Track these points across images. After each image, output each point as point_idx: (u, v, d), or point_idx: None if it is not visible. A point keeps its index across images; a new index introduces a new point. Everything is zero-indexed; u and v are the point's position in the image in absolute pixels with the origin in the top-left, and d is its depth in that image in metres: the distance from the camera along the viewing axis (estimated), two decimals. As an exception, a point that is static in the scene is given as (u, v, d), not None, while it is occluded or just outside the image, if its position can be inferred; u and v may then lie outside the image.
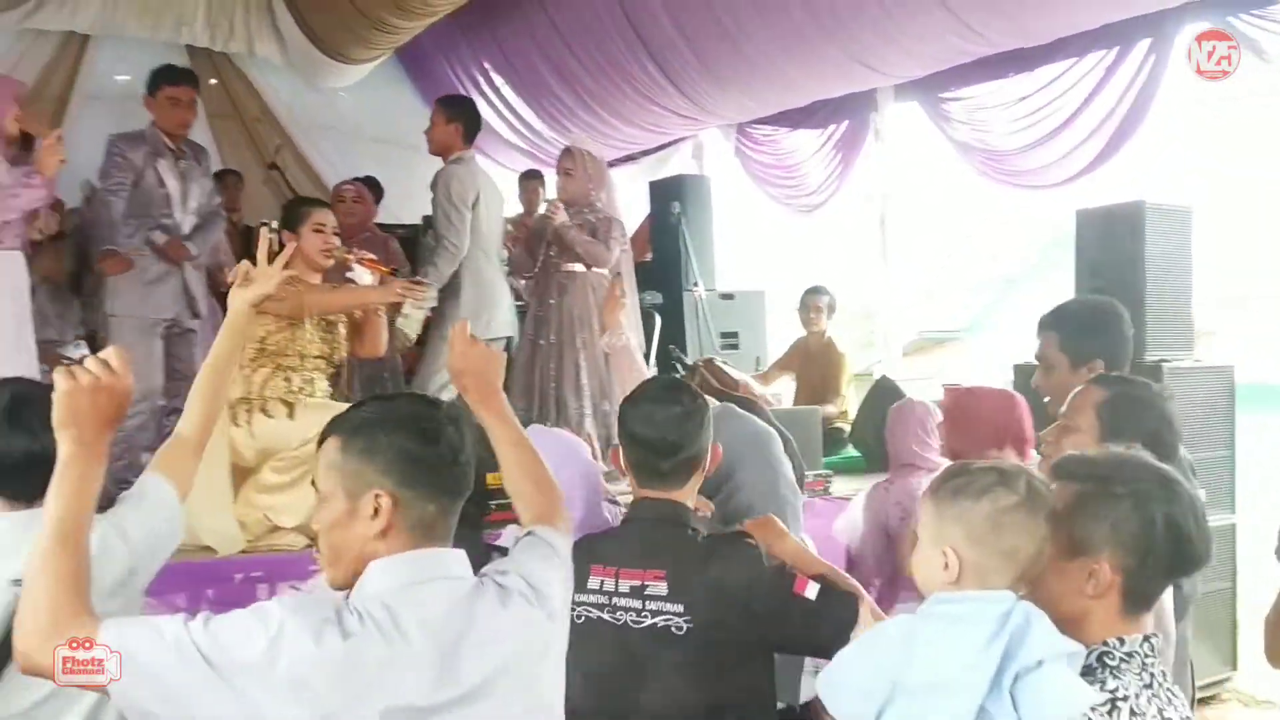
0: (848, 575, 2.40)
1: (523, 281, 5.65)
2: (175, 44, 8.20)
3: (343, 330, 3.97)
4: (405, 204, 8.80)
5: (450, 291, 5.04)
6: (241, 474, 3.75)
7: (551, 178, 9.12)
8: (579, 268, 5.19)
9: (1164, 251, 4.93)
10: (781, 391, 6.66)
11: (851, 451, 5.57)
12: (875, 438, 5.45)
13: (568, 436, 3.18)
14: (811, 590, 2.18)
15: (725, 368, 6.06)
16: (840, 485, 4.96)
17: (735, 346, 6.86)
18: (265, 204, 7.71)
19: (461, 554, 1.72)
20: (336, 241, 3.96)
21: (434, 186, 5.14)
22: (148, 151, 4.73)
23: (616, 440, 4.98)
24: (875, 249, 7.31)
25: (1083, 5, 5.12)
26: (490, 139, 8.97)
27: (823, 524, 4.50)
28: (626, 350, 3.48)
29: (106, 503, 2.13)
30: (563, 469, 2.71)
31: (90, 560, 1.61)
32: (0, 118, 3.95)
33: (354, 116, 9.11)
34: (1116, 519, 1.67)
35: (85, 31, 7.87)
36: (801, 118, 7.37)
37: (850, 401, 6.04)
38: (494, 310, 5.10)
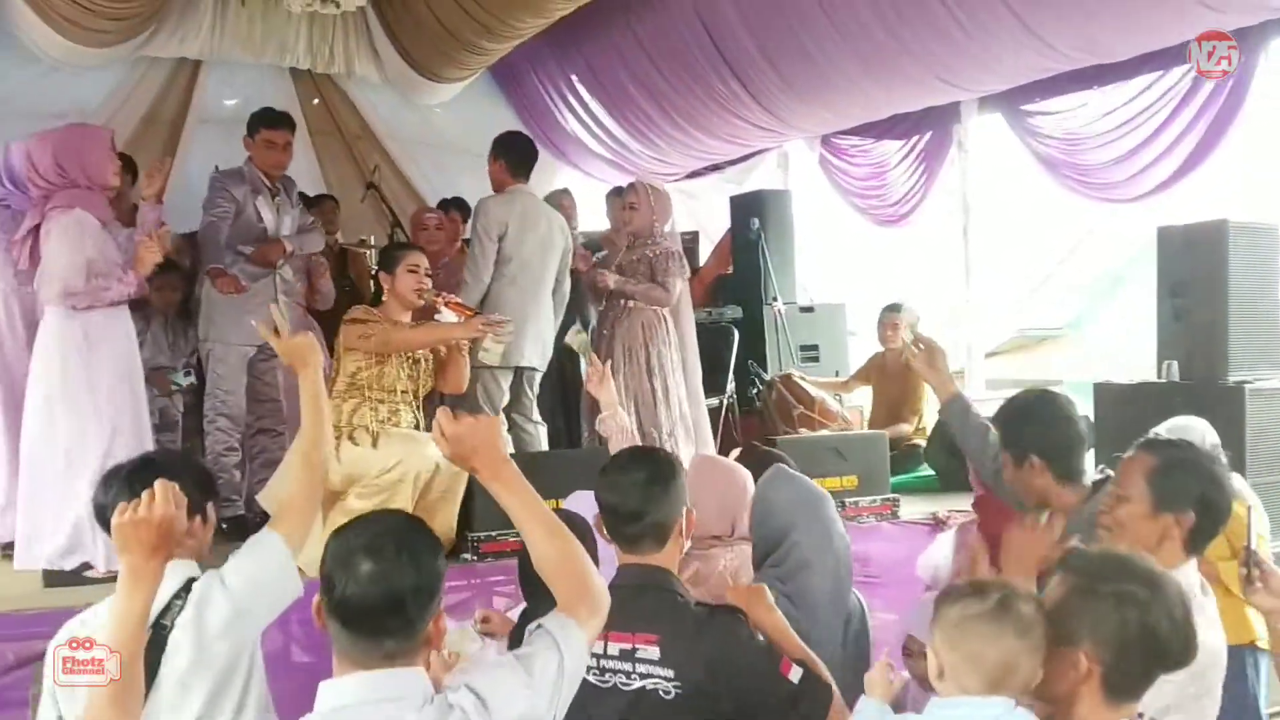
0: (822, 666, 2.43)
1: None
2: (279, 66, 8.58)
3: (428, 367, 4.19)
4: (498, 217, 9.08)
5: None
6: (330, 498, 3.99)
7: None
8: (634, 302, 5.29)
9: (1248, 270, 4.86)
10: (862, 403, 6.72)
11: (926, 470, 5.60)
12: (949, 457, 5.51)
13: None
14: (795, 673, 2.27)
15: (802, 383, 6.17)
16: (912, 506, 5.01)
17: (815, 359, 6.93)
18: (364, 222, 8.00)
19: (412, 674, 1.76)
20: (429, 283, 4.20)
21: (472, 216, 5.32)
22: (248, 189, 4.97)
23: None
24: (958, 260, 7.29)
25: (1160, 24, 5.06)
26: (578, 150, 9.20)
27: (891, 548, 4.59)
28: (622, 433, 3.55)
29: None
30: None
31: (139, 669, 1.94)
32: (100, 175, 4.04)
33: (449, 131, 9.36)
34: (1096, 616, 1.80)
35: (195, 57, 8.26)
36: (885, 129, 7.39)
37: (928, 419, 6.04)
38: (518, 341, 4.95)
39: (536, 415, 5.24)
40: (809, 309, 7.07)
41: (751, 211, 7.00)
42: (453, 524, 4.13)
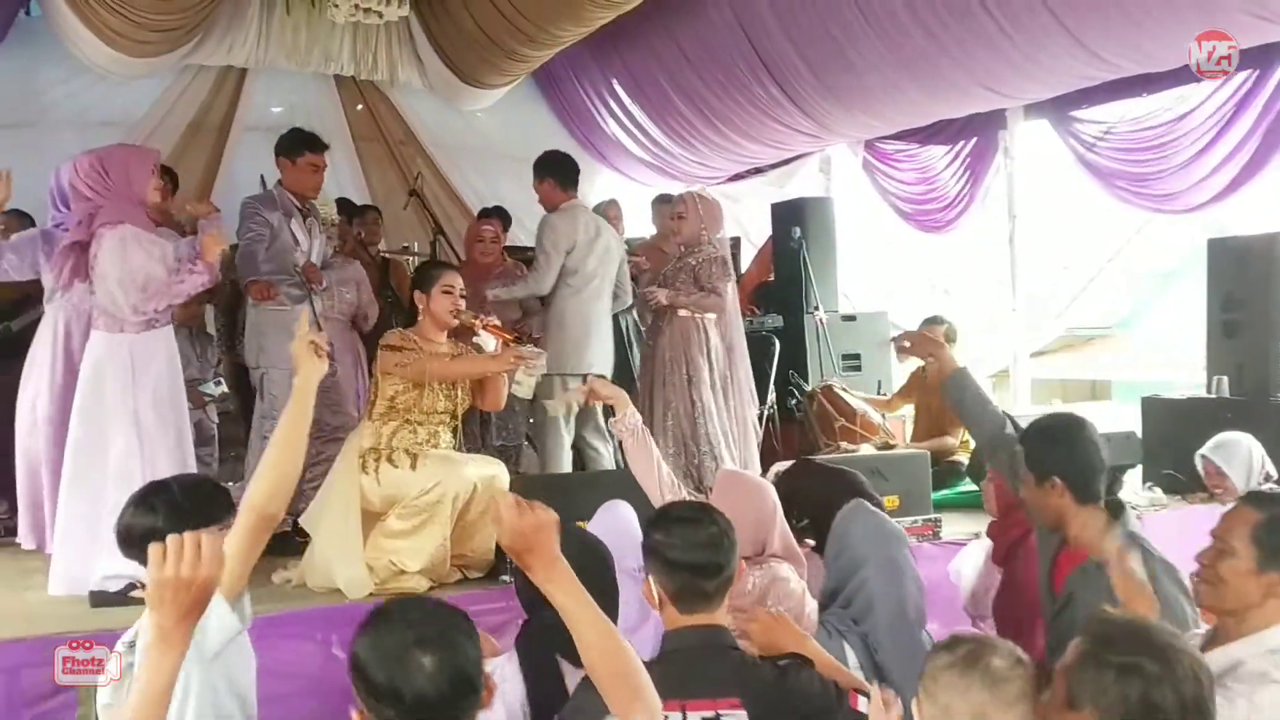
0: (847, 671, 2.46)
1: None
2: (324, 74, 8.64)
3: (465, 387, 4.21)
4: (538, 220, 9.08)
5: (547, 327, 5.31)
6: (370, 519, 4.02)
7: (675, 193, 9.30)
8: (681, 311, 5.29)
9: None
10: (904, 413, 6.65)
11: (969, 486, 5.53)
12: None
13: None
14: (861, 702, 2.27)
15: (844, 395, 6.12)
16: (955, 525, 4.95)
17: (857, 369, 6.87)
18: (409, 228, 8.03)
19: None
20: (463, 304, 4.21)
21: (538, 230, 5.42)
22: (281, 213, 4.97)
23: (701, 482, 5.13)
24: (1002, 265, 7.20)
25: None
26: (620, 154, 9.19)
27: (933, 569, 4.51)
28: (636, 435, 3.50)
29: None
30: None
31: None
32: (142, 191, 4.07)
33: (492, 136, 9.39)
34: (1099, 686, 1.78)
35: (240, 66, 8.34)
36: (929, 134, 7.30)
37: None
38: (585, 346, 5.24)
39: (605, 431, 5.26)
40: (851, 318, 7.02)
41: (793, 219, 6.95)
42: (491, 546, 4.13)
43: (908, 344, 3.59)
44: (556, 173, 5.39)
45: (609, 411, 5.06)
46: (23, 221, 5.36)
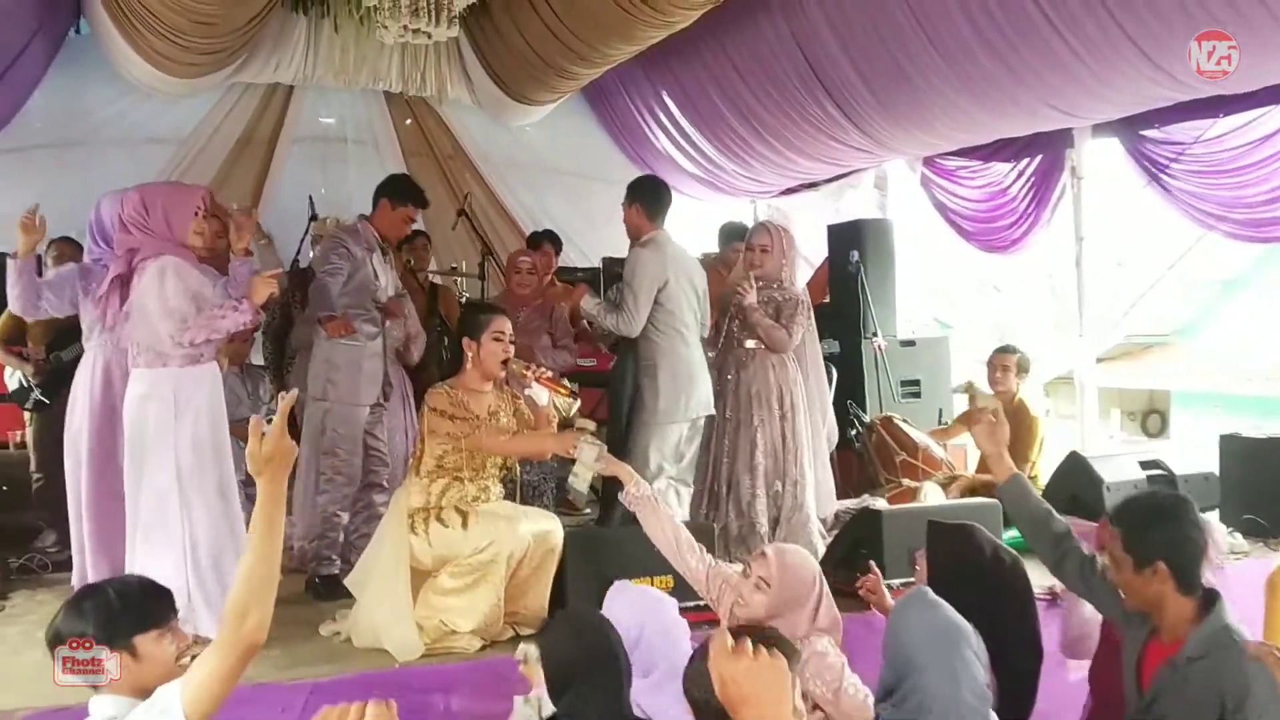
0: None
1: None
2: (373, 89, 8.58)
3: None
4: (588, 236, 8.98)
5: (647, 373, 4.98)
6: (420, 574, 3.91)
7: (731, 211, 9.14)
8: (758, 344, 5.16)
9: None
10: (967, 442, 6.44)
11: (1038, 526, 5.32)
12: (1067, 516, 5.21)
13: (651, 593, 3.12)
14: None
15: (904, 427, 5.94)
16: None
17: (917, 395, 6.69)
18: (459, 246, 7.95)
19: None
20: (513, 350, 4.06)
21: (626, 265, 5.11)
22: (366, 245, 4.90)
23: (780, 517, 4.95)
24: (1068, 282, 6.96)
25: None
26: (669, 168, 9.03)
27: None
28: (648, 504, 3.36)
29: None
30: (645, 627, 2.74)
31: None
32: (182, 234, 3.94)
33: (540, 151, 9.31)
34: None
35: (287, 84, 8.29)
36: (991, 151, 7.06)
37: (1043, 469, 5.75)
38: (691, 391, 4.92)
39: (690, 478, 5.06)
40: (910, 343, 6.82)
41: (850, 242, 6.76)
42: (544, 601, 4.01)
43: (993, 419, 3.31)
44: (647, 201, 5.08)
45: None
46: (71, 248, 5.32)
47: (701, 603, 3.94)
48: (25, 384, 5.39)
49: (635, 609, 2.81)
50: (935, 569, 3.26)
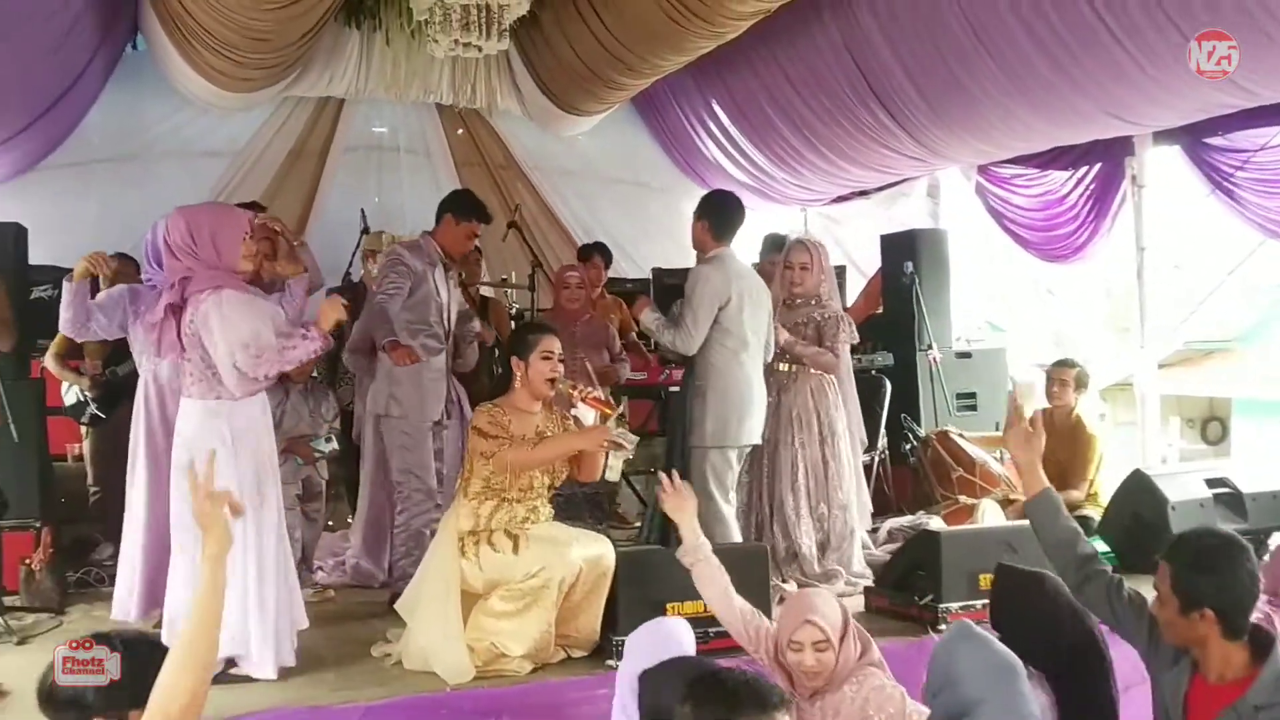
0: None
1: None
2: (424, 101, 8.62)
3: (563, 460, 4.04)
4: (640, 245, 8.97)
5: (698, 393, 4.84)
6: (470, 599, 3.89)
7: (782, 218, 9.07)
8: (799, 365, 5.10)
9: None
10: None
11: (1100, 546, 5.18)
12: (1129, 532, 5.11)
13: (668, 627, 3.09)
14: None
15: (960, 441, 5.84)
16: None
17: (973, 408, 6.58)
18: (510, 258, 7.95)
19: None
20: (561, 370, 4.03)
21: (688, 281, 4.99)
22: (427, 260, 4.87)
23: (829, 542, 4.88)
24: (1127, 292, 6.81)
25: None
26: (719, 176, 8.98)
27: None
28: (704, 559, 3.37)
29: None
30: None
31: None
32: (231, 260, 3.86)
33: (592, 159, 9.30)
34: None
35: (340, 96, 8.35)
36: (1049, 159, 6.94)
37: (1103, 485, 5.61)
38: (744, 416, 4.77)
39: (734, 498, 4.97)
40: (966, 355, 6.72)
41: (904, 253, 6.67)
42: (596, 626, 3.97)
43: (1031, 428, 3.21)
44: (715, 219, 4.93)
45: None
46: (125, 265, 5.36)
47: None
48: (82, 398, 5.46)
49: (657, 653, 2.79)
50: (999, 613, 3.18)
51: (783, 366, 5.12)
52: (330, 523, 6.23)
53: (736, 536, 4.81)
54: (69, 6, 5.76)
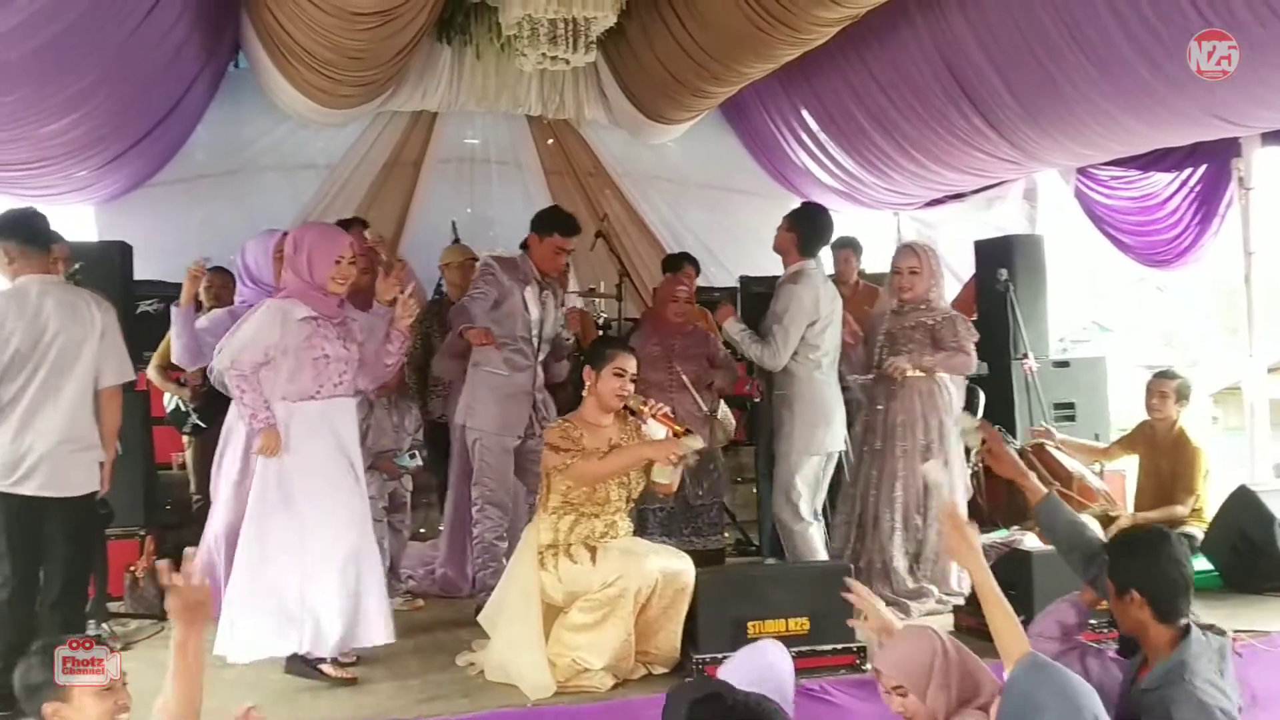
0: None
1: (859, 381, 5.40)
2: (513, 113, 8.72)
3: (639, 473, 4.04)
4: (728, 250, 8.94)
5: (785, 404, 4.94)
6: (551, 612, 3.91)
7: (873, 223, 8.94)
8: (914, 372, 5.00)
9: None
10: (1125, 468, 6.11)
11: (1204, 564, 4.99)
12: (1234, 550, 4.91)
13: (768, 653, 3.04)
14: None
15: (1057, 454, 5.68)
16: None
17: (1071, 419, 6.39)
18: (599, 266, 7.99)
19: None
20: (632, 388, 4.04)
21: (775, 295, 5.02)
22: (519, 276, 4.93)
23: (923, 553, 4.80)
24: (1233, 297, 6.55)
25: None
26: (807, 181, 8.91)
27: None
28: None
29: None
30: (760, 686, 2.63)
31: None
32: (321, 279, 3.98)
33: (680, 165, 9.32)
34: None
35: (433, 110, 8.49)
36: (1151, 160, 6.69)
37: (1208, 500, 5.39)
38: (827, 427, 4.91)
39: (810, 509, 4.97)
40: (1064, 363, 6.53)
41: (999, 259, 6.51)
42: (676, 643, 3.96)
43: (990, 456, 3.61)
44: (804, 232, 4.97)
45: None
46: (224, 278, 5.52)
47: (826, 647, 3.87)
48: (183, 408, 5.63)
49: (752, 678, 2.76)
50: None
51: (909, 373, 5.02)
52: (422, 529, 6.35)
53: (818, 543, 4.85)
54: (176, 30, 5.96)
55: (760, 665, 2.93)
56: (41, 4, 4.33)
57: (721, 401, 5.80)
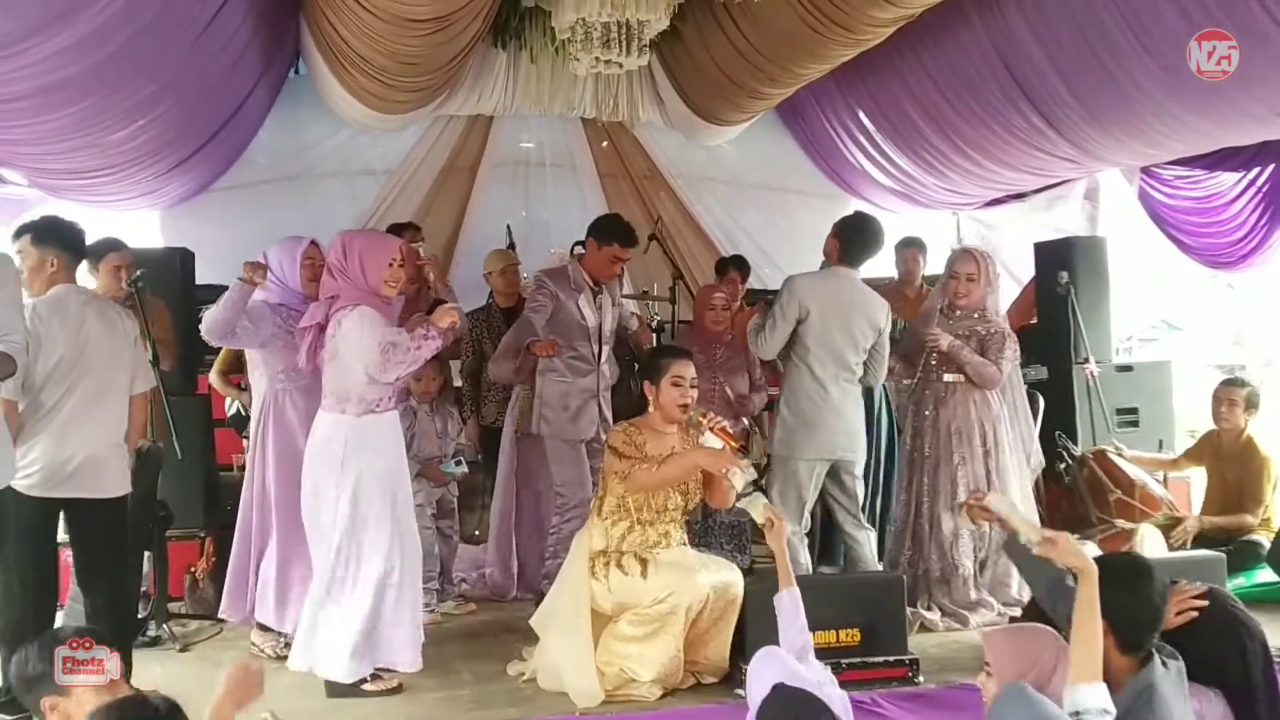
0: None
1: (904, 383, 5.33)
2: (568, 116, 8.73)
3: (697, 483, 4.03)
4: (783, 251, 8.87)
5: (778, 405, 4.91)
6: (600, 620, 3.91)
7: (931, 222, 8.82)
8: (959, 378, 4.95)
9: None
10: (1190, 474, 5.97)
11: (1270, 576, 4.85)
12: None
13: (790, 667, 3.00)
14: None
15: (1119, 462, 5.57)
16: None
17: (1134, 424, 6.26)
18: (653, 268, 7.98)
19: None
20: (695, 394, 4.02)
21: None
22: (570, 286, 5.02)
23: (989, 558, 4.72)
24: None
25: None
26: (864, 182, 8.81)
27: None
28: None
29: None
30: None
31: None
32: (375, 283, 4.03)
33: (735, 166, 9.26)
34: None
35: (488, 114, 8.53)
36: (1217, 159, 6.52)
37: (1275, 510, 5.25)
38: (815, 431, 4.68)
39: (864, 518, 4.90)
40: (1127, 368, 6.39)
41: (1059, 261, 6.38)
42: (725, 653, 3.95)
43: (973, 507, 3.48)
44: (850, 241, 4.87)
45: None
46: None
47: (877, 659, 3.82)
48: (243, 412, 5.72)
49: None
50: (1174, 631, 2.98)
51: (946, 378, 4.98)
52: (476, 532, 6.39)
53: (800, 556, 4.68)
54: (237, 37, 6.05)
55: (783, 671, 2.88)
56: (109, 14, 4.42)
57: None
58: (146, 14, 4.80)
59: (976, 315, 5.01)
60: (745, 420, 5.66)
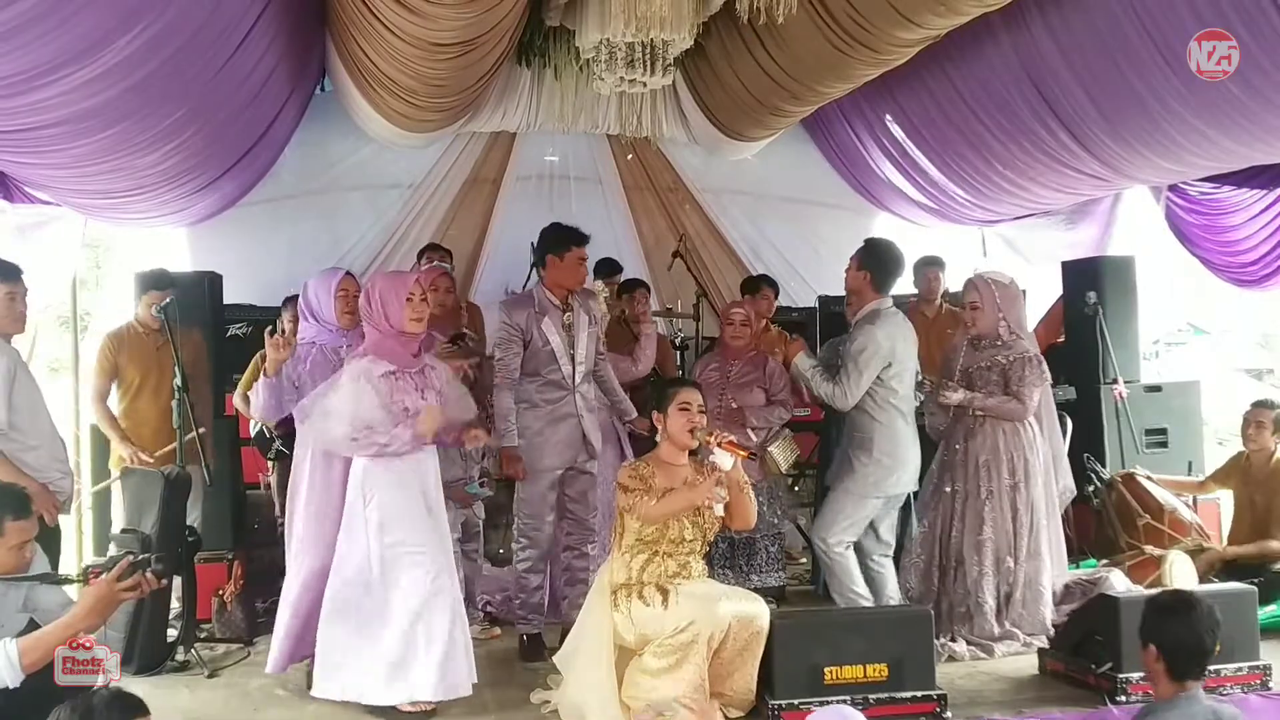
0: None
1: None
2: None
3: (713, 512, 4.03)
4: (810, 266, 8.85)
5: (861, 445, 4.90)
6: (625, 655, 3.92)
7: (958, 238, 8.78)
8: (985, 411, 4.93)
9: None
10: (1219, 496, 5.92)
11: (1298, 605, 4.81)
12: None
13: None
14: None
15: (1148, 485, 5.53)
16: (1283, 660, 4.30)
17: (1164, 445, 6.21)
18: (678, 285, 7.98)
19: None
20: (701, 420, 4.03)
21: (851, 335, 4.99)
22: (533, 312, 4.93)
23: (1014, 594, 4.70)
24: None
25: None
26: (893, 195, 8.76)
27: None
28: None
29: None
30: None
31: None
32: (398, 321, 4.09)
33: (760, 179, 9.20)
34: None
35: (512, 130, 8.55)
36: (1246, 176, 6.46)
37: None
38: (902, 471, 4.88)
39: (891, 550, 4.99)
40: (1156, 388, 6.33)
41: (1088, 281, 6.35)
42: (751, 685, 3.94)
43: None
44: (879, 270, 4.95)
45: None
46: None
47: (905, 695, 3.80)
48: (267, 434, 5.75)
49: None
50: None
51: (974, 411, 4.96)
52: (501, 550, 6.41)
53: (856, 573, 4.82)
54: (265, 60, 6.09)
55: None
56: (140, 44, 4.46)
57: (787, 430, 5.73)
58: (176, 41, 4.83)
59: (998, 343, 4.97)
60: (752, 433, 5.58)
